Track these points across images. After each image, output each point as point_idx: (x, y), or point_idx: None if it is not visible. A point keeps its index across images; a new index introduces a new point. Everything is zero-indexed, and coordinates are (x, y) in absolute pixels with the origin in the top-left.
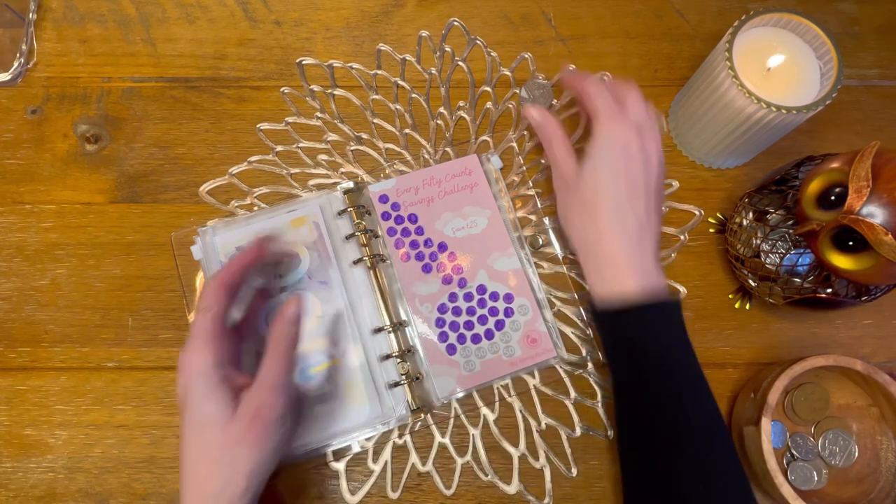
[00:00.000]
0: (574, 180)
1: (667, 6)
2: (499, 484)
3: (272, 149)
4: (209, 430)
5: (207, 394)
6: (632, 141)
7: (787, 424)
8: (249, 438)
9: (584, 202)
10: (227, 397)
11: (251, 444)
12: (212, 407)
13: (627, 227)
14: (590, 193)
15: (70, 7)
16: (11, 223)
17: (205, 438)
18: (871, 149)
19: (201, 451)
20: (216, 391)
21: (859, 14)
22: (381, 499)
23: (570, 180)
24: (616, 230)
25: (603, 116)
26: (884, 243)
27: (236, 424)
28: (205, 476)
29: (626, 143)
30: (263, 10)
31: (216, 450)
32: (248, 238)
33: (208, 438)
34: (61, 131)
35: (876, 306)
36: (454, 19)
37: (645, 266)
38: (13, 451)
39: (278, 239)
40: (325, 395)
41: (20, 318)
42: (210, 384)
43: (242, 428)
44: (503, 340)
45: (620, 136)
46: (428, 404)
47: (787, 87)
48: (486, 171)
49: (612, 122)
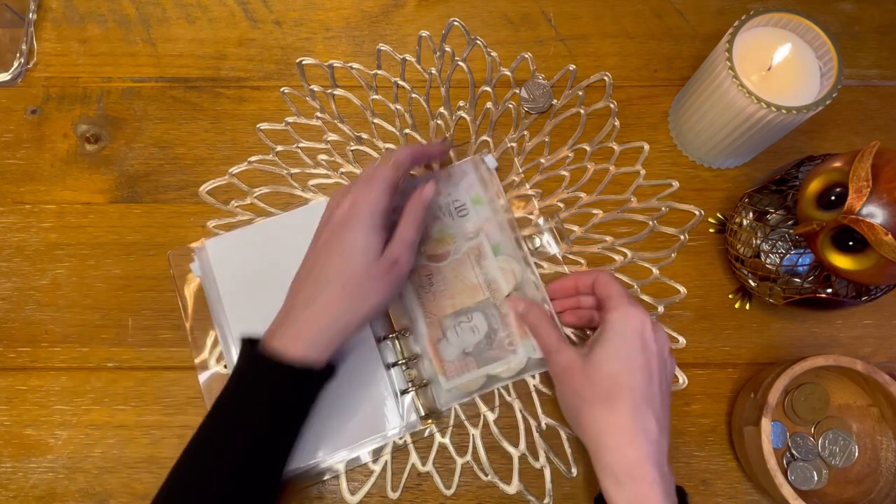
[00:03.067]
0: (582, 368)
1: (667, 6)
2: (499, 484)
3: (272, 149)
4: (360, 259)
5: (372, 229)
6: (647, 328)
7: (787, 424)
8: (386, 279)
9: (598, 397)
10: (382, 240)
11: (384, 284)
12: (372, 241)
13: (649, 431)
14: (605, 387)
15: (70, 7)
16: (11, 223)
17: (352, 264)
18: (871, 149)
19: (342, 273)
20: (380, 231)
21: (859, 14)
22: (381, 499)
23: (574, 368)
24: (639, 436)
25: (617, 301)
26: (884, 243)
27: (381, 264)
28: (338, 295)
29: (642, 331)
30: (263, 10)
31: (358, 277)
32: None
33: (356, 266)
34: (61, 131)
35: (876, 306)
36: (454, 19)
37: (664, 475)
38: (13, 451)
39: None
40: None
41: (20, 318)
42: (377, 221)
43: (383, 269)
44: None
45: (637, 323)
46: (433, 409)
47: (787, 87)
48: (480, 172)
49: (628, 308)
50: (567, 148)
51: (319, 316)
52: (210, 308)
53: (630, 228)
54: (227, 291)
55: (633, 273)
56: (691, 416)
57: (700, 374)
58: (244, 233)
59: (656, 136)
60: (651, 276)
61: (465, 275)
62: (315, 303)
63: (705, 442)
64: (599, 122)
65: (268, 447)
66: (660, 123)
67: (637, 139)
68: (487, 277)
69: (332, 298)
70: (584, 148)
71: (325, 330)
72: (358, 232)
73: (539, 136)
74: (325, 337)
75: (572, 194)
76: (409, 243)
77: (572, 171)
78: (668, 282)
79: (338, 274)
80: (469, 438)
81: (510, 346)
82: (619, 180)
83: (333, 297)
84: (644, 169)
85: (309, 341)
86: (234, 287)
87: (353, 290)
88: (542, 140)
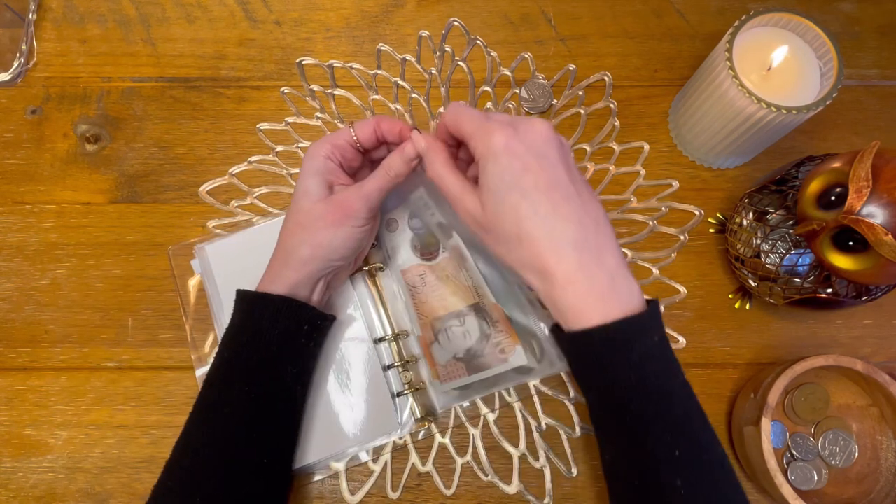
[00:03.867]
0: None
1: (667, 6)
2: (499, 484)
3: (272, 149)
4: (303, 201)
5: (312, 173)
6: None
7: (787, 424)
8: (328, 218)
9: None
10: (325, 181)
11: (328, 223)
12: (311, 183)
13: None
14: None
15: (70, 7)
16: (11, 223)
17: (298, 206)
18: (871, 149)
19: (292, 215)
20: (319, 173)
21: (859, 14)
22: (381, 499)
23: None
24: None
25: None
26: (884, 243)
27: (323, 204)
28: (287, 233)
29: (509, 145)
30: (263, 10)
31: (303, 216)
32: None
33: (300, 206)
34: (61, 131)
35: (876, 306)
36: (454, 19)
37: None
38: (13, 451)
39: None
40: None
41: (20, 318)
42: (316, 166)
43: (326, 209)
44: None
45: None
46: (430, 410)
47: (787, 87)
48: None
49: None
50: None
51: (278, 257)
52: (210, 309)
53: (630, 228)
54: (226, 294)
55: (633, 273)
56: None
57: (700, 374)
58: (244, 236)
59: (656, 136)
60: (651, 276)
61: (455, 276)
62: (277, 248)
63: None
64: (599, 122)
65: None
66: (660, 123)
67: (637, 139)
68: (474, 280)
69: (283, 237)
70: (584, 148)
71: (286, 266)
72: (301, 179)
73: None
74: (292, 273)
75: None
76: (364, 192)
77: None
78: (668, 282)
79: (288, 217)
80: (469, 438)
81: (501, 355)
82: (619, 180)
83: (284, 236)
84: (644, 169)
85: (282, 279)
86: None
87: (299, 228)
88: None
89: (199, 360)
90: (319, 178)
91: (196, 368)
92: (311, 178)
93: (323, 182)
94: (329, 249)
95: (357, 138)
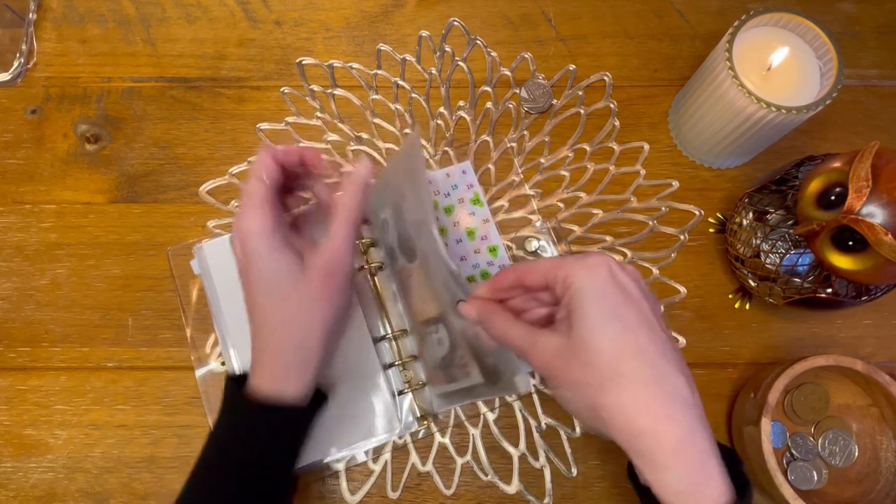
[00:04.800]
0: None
1: (667, 6)
2: (499, 484)
3: None
4: (281, 288)
5: (273, 253)
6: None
7: (787, 424)
8: (325, 294)
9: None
10: (293, 256)
11: (326, 299)
12: (280, 265)
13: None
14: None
15: (70, 7)
16: (11, 223)
17: (277, 296)
18: (871, 149)
19: (275, 309)
20: (282, 250)
21: (859, 14)
22: (381, 499)
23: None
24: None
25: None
26: (884, 243)
27: (310, 282)
28: (282, 332)
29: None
30: (263, 10)
31: (292, 305)
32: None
33: (282, 295)
34: (61, 131)
35: (876, 306)
36: (454, 19)
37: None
38: (13, 451)
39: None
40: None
41: (20, 318)
42: (272, 243)
43: (317, 285)
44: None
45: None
46: (430, 410)
47: (787, 87)
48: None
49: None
50: (567, 148)
51: (276, 357)
52: (210, 308)
53: (630, 228)
54: (225, 294)
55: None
56: None
57: (700, 374)
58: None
59: (656, 136)
60: (651, 276)
61: (429, 279)
62: (264, 352)
63: None
64: (599, 122)
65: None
66: (660, 123)
67: (637, 139)
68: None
69: (282, 340)
70: (584, 148)
71: (292, 368)
72: (261, 264)
73: (539, 136)
74: (302, 375)
75: (572, 194)
76: (340, 245)
77: (572, 171)
78: (668, 282)
79: (272, 313)
80: (469, 438)
81: (464, 368)
82: (619, 180)
83: (283, 337)
84: (644, 169)
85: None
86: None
87: (294, 320)
88: (541, 140)
89: (199, 360)
90: (287, 254)
91: (196, 368)
92: (276, 259)
93: (292, 256)
94: (336, 328)
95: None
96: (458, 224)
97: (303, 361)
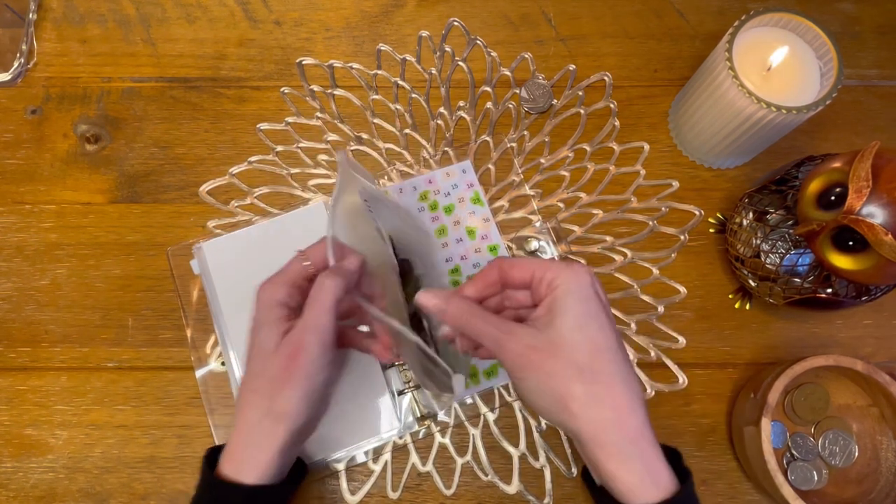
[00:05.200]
0: (549, 345)
1: (667, 6)
2: (499, 484)
3: (272, 149)
4: (257, 359)
5: (263, 325)
6: (595, 282)
7: (787, 424)
8: (285, 376)
9: (581, 371)
10: (277, 333)
11: (288, 381)
12: (263, 339)
13: (637, 390)
14: (586, 358)
15: (70, 7)
16: (11, 223)
17: (253, 366)
18: (871, 149)
19: (250, 379)
20: (271, 325)
21: (859, 14)
22: (381, 499)
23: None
24: (634, 401)
25: (556, 267)
26: (884, 243)
27: (276, 360)
28: (247, 404)
29: (594, 285)
30: (263, 10)
31: (258, 381)
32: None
33: (255, 367)
34: (61, 131)
35: (876, 306)
36: (454, 19)
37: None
38: (13, 451)
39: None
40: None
41: (20, 318)
42: (268, 317)
43: (280, 365)
44: None
45: (587, 278)
46: (430, 410)
47: (787, 87)
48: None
49: (572, 266)
50: (567, 148)
51: (241, 430)
52: (210, 308)
53: (630, 228)
54: (224, 294)
55: (633, 273)
56: (691, 416)
57: (700, 374)
58: (241, 235)
59: (656, 136)
60: (651, 276)
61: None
62: (238, 414)
63: (705, 442)
64: (599, 122)
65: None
66: (660, 123)
67: (637, 139)
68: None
69: (247, 413)
70: (584, 148)
71: (251, 445)
72: (254, 330)
73: (539, 136)
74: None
75: (572, 194)
76: (312, 325)
77: (572, 171)
78: (668, 282)
79: (246, 381)
80: (469, 438)
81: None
82: (619, 180)
83: (247, 409)
84: (644, 169)
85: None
86: (232, 289)
87: (257, 395)
88: (541, 140)
89: (199, 360)
90: (274, 328)
91: (196, 369)
92: (262, 330)
93: (278, 331)
94: (305, 409)
95: (311, 263)
96: (459, 223)
97: (261, 441)
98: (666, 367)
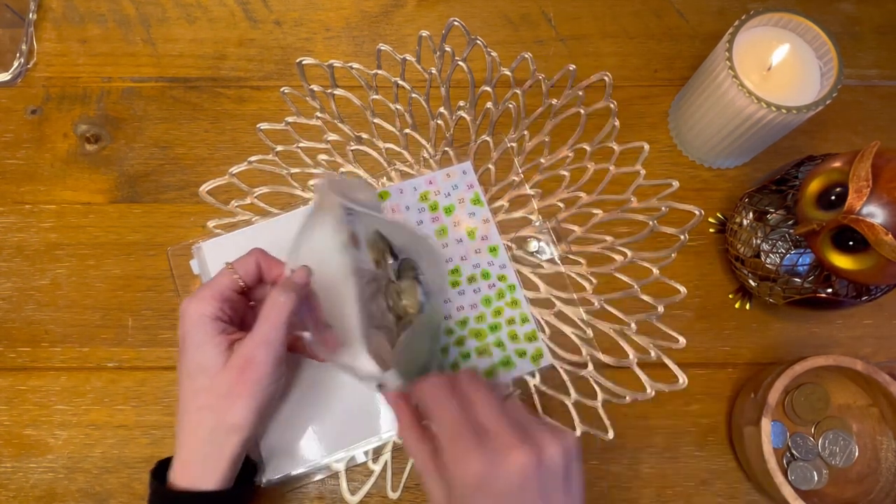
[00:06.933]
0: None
1: (667, 6)
2: None
3: (272, 149)
4: (201, 378)
5: (202, 343)
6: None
7: (787, 424)
8: (238, 390)
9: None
10: (220, 349)
11: (240, 395)
12: (204, 356)
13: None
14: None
15: (70, 7)
16: (11, 223)
17: (196, 385)
18: (871, 149)
19: (194, 397)
20: (211, 341)
21: (859, 14)
22: (381, 499)
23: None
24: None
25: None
26: (884, 243)
27: (226, 375)
28: (196, 422)
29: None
30: (263, 10)
31: (206, 397)
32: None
33: (200, 385)
34: (61, 131)
35: (876, 306)
36: (454, 19)
37: None
38: (13, 451)
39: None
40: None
41: (20, 318)
42: (205, 334)
43: (231, 380)
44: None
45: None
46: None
47: (787, 87)
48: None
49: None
50: (567, 148)
51: (188, 445)
52: None
53: (630, 228)
54: None
55: (633, 273)
56: (691, 416)
57: (700, 374)
58: (241, 235)
59: (656, 136)
60: (651, 276)
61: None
62: (182, 437)
63: (705, 442)
64: (599, 122)
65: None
66: (660, 123)
67: (637, 139)
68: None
69: (195, 431)
70: (584, 148)
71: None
72: (190, 350)
73: (539, 136)
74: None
75: (572, 194)
76: (261, 340)
77: (572, 171)
78: (668, 282)
79: (191, 400)
80: None
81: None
82: (619, 180)
83: (196, 427)
84: (644, 169)
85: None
86: None
87: (207, 411)
88: (541, 140)
89: None
90: (214, 346)
91: None
92: (202, 349)
93: (220, 349)
94: (254, 422)
95: (240, 277)
96: (459, 224)
97: (214, 453)
98: (666, 367)
